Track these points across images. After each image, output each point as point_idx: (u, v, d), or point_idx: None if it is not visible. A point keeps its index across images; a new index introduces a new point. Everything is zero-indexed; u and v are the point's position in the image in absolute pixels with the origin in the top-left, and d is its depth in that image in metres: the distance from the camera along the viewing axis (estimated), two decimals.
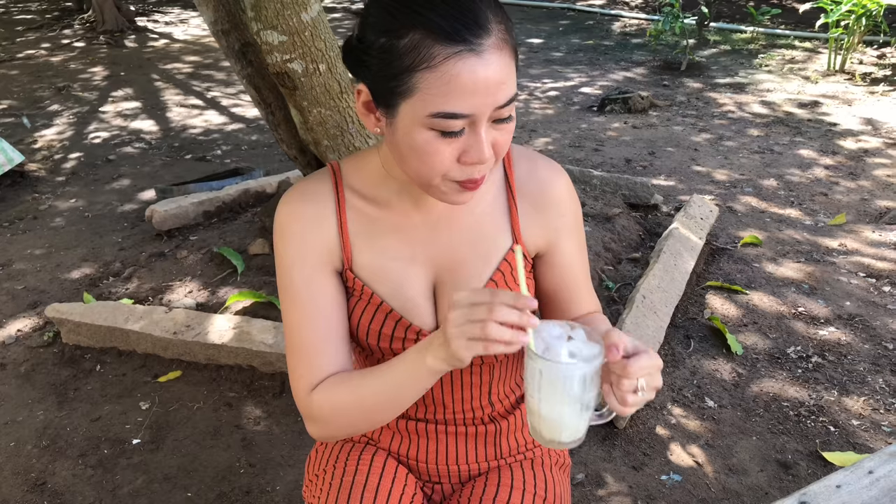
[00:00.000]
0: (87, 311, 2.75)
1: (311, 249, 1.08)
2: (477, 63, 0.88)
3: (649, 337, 2.53)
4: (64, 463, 2.23)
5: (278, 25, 2.33)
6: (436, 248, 1.11)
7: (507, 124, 0.95)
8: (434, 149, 0.93)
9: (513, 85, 0.93)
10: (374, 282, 1.11)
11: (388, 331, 1.11)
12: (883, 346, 2.68)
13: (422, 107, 0.90)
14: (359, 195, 1.10)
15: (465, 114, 0.90)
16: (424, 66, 0.88)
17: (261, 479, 2.13)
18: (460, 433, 1.23)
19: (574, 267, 1.19)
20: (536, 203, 1.14)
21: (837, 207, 3.91)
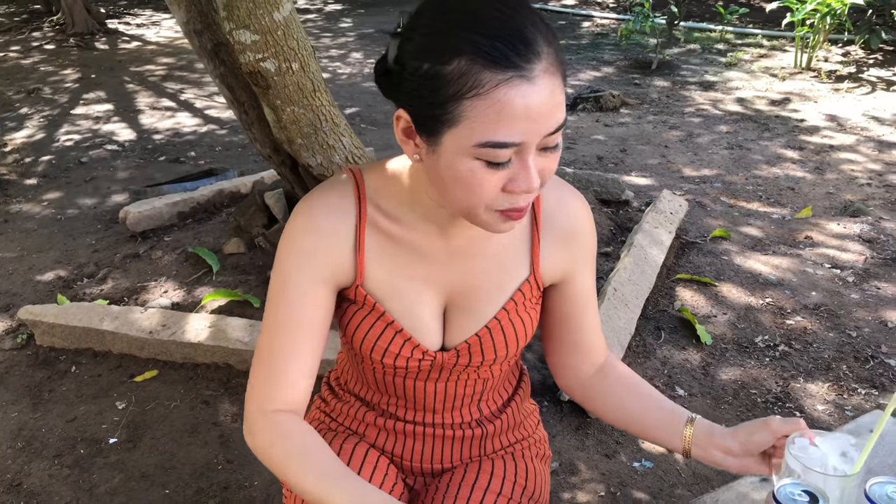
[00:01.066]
0: (61, 312, 2.75)
1: (318, 265, 1.04)
2: (529, 89, 0.83)
3: (621, 328, 2.58)
4: (40, 464, 2.23)
5: (251, 25, 2.35)
6: (452, 272, 1.09)
7: (554, 152, 0.91)
8: (479, 179, 0.88)
9: (563, 111, 0.88)
10: (385, 299, 1.08)
11: (394, 349, 1.09)
12: (847, 333, 2.75)
13: (468, 136, 0.85)
14: (382, 212, 1.05)
15: (514, 143, 0.85)
16: (473, 93, 0.83)
17: (238, 474, 2.15)
18: (447, 436, 1.24)
19: (586, 296, 1.19)
20: (561, 235, 1.12)
21: (804, 201, 4.00)
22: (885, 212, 3.81)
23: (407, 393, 1.19)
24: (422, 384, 1.17)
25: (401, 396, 1.20)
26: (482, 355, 1.13)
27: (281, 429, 1.03)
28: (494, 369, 1.19)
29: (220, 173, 4.19)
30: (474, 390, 1.21)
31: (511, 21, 0.84)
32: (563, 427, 2.29)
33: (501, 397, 1.29)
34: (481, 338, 1.11)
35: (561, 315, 1.19)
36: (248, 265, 3.03)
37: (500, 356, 1.14)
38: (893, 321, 2.82)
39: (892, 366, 2.57)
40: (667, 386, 2.47)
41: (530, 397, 1.40)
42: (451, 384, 1.18)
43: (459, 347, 1.12)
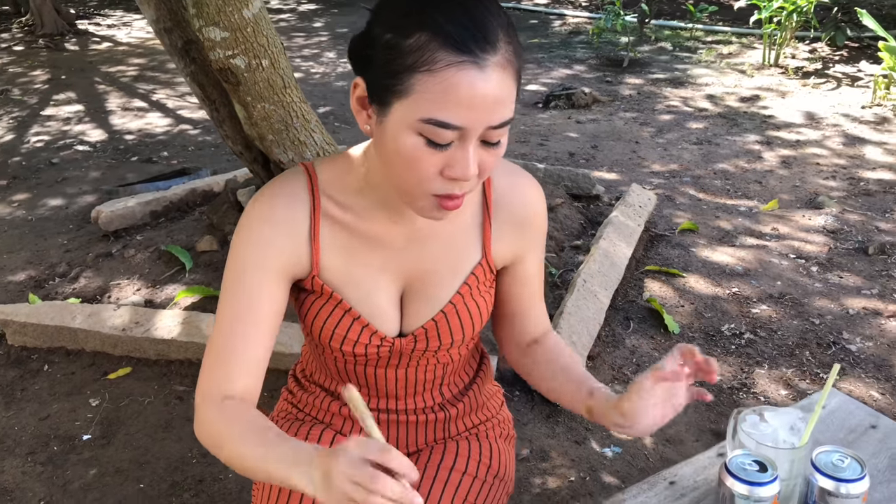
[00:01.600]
0: (32, 311, 2.74)
1: (272, 255, 1.06)
2: (478, 76, 0.87)
3: (590, 319, 2.62)
4: (12, 461, 2.23)
5: (220, 22, 2.36)
6: (407, 258, 1.12)
7: (496, 148, 0.94)
8: (419, 156, 0.91)
9: (510, 108, 0.92)
10: (342, 287, 1.10)
11: (353, 336, 1.11)
12: (810, 321, 2.82)
13: (415, 110, 0.89)
14: (334, 202, 1.08)
15: (456, 125, 0.88)
16: (425, 68, 0.87)
17: (213, 468, 2.17)
18: (411, 421, 1.27)
19: (533, 280, 1.23)
20: (512, 219, 1.14)
21: (771, 194, 4.08)
22: (848, 203, 3.90)
23: (368, 381, 1.21)
24: (382, 371, 1.19)
25: (363, 385, 1.22)
26: (439, 340, 1.15)
27: (228, 414, 1.02)
28: (453, 353, 1.21)
29: (193, 172, 4.19)
30: (434, 375, 1.23)
31: (476, 11, 0.89)
32: (534, 415, 2.33)
33: (463, 381, 1.32)
34: (437, 322, 1.13)
35: (507, 291, 1.23)
36: (221, 262, 3.04)
37: (457, 340, 1.17)
38: (854, 308, 2.90)
39: (853, 351, 2.64)
40: (635, 374, 2.53)
41: (499, 384, 1.45)
42: (412, 370, 1.20)
43: (417, 332, 1.14)
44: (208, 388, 1.06)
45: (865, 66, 6.60)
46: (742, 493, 1.01)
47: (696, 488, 1.21)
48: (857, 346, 2.67)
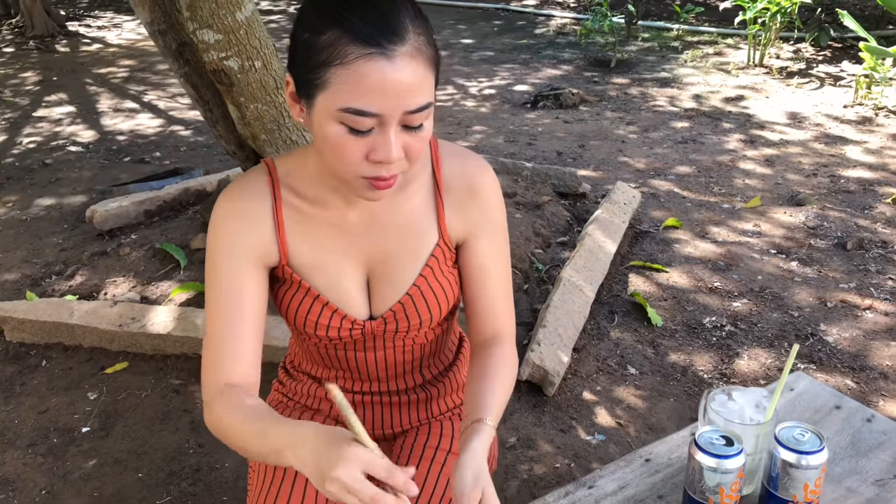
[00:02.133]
0: (30, 308, 2.80)
1: (244, 247, 1.13)
2: (386, 66, 0.94)
3: (575, 312, 2.70)
4: (13, 453, 2.29)
5: (214, 24, 2.43)
6: (369, 242, 1.17)
7: (419, 132, 1.00)
8: (343, 143, 0.98)
9: (426, 94, 0.98)
10: (310, 275, 1.17)
11: (324, 321, 1.17)
12: (789, 314, 2.91)
13: (333, 101, 0.96)
14: (294, 193, 1.14)
15: (371, 112, 0.95)
16: (338, 62, 0.95)
17: (210, 458, 2.23)
18: (395, 402, 1.34)
19: (489, 270, 1.23)
20: (462, 197, 1.19)
21: (753, 192, 4.16)
22: (829, 201, 3.99)
23: (350, 365, 1.28)
24: (362, 354, 1.26)
25: (346, 369, 1.29)
26: (407, 321, 1.21)
27: (230, 400, 1.09)
28: (427, 334, 1.27)
29: (186, 172, 4.25)
30: (413, 356, 1.29)
31: (383, 6, 0.97)
32: (521, 405, 2.40)
33: (443, 363, 1.39)
34: (404, 304, 1.19)
35: (464, 277, 1.24)
36: None
37: (426, 320, 1.22)
38: (832, 301, 2.99)
39: (830, 342, 2.73)
40: (619, 365, 2.61)
41: None
42: (389, 352, 1.27)
43: (386, 315, 1.20)
44: (210, 381, 1.13)
45: (847, 66, 6.70)
46: (710, 465, 1.08)
47: (671, 465, 1.29)
48: (834, 338, 2.76)
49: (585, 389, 2.48)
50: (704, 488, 1.10)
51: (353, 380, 1.31)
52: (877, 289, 3.08)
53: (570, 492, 1.22)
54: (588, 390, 2.48)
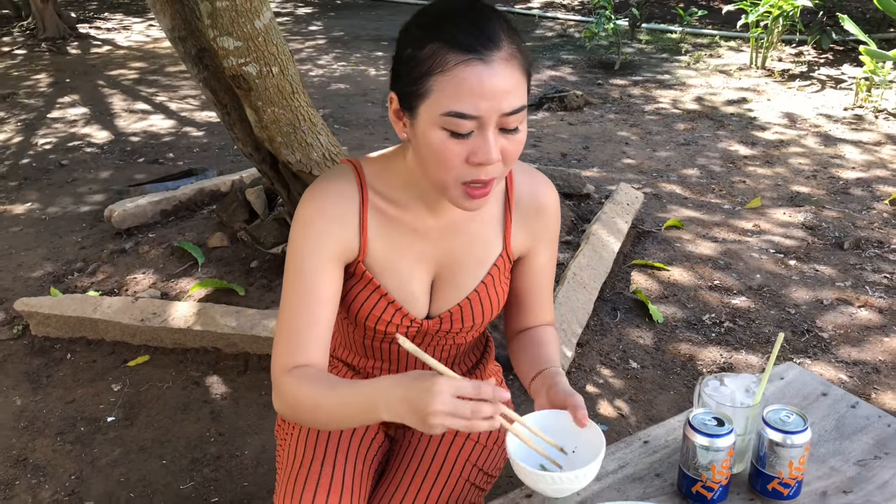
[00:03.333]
0: (55, 303, 2.91)
1: (328, 245, 1.20)
2: (484, 70, 1.02)
3: (579, 308, 2.80)
4: (43, 441, 2.40)
5: (233, 32, 2.53)
6: (440, 249, 1.26)
7: (515, 135, 1.08)
8: (446, 147, 1.06)
9: (520, 97, 1.06)
10: (382, 274, 1.25)
11: (386, 317, 1.27)
12: (786, 311, 3.01)
13: (436, 107, 1.04)
14: (381, 196, 1.23)
15: (472, 114, 1.03)
16: (439, 70, 1.03)
17: (230, 445, 2.34)
18: None
19: (544, 275, 1.37)
20: (529, 214, 1.29)
21: (754, 192, 4.26)
22: (827, 201, 4.09)
23: (392, 357, 1.39)
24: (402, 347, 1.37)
25: (385, 360, 1.40)
26: (462, 322, 1.32)
27: (307, 374, 1.19)
28: (469, 336, 1.39)
29: (200, 173, 4.36)
30: (449, 354, 1.41)
31: (478, 17, 1.06)
32: (527, 397, 2.49)
33: (471, 360, 1.50)
34: (462, 308, 1.30)
35: (517, 279, 1.37)
36: (232, 257, 3.21)
37: (477, 324, 1.34)
38: (828, 299, 3.08)
39: (825, 338, 2.83)
40: (621, 360, 2.71)
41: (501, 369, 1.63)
42: (430, 349, 1.37)
43: (443, 316, 1.31)
44: (282, 363, 1.21)
45: (848, 69, 6.79)
46: (703, 444, 1.19)
47: (667, 447, 1.39)
48: (829, 334, 2.85)
49: (589, 382, 2.58)
50: (698, 465, 1.20)
51: (388, 369, 1.41)
52: (872, 287, 3.18)
53: None
54: (591, 383, 2.58)
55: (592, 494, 1.26)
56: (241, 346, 2.70)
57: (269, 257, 3.16)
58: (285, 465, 1.36)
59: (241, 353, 2.71)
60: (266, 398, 2.53)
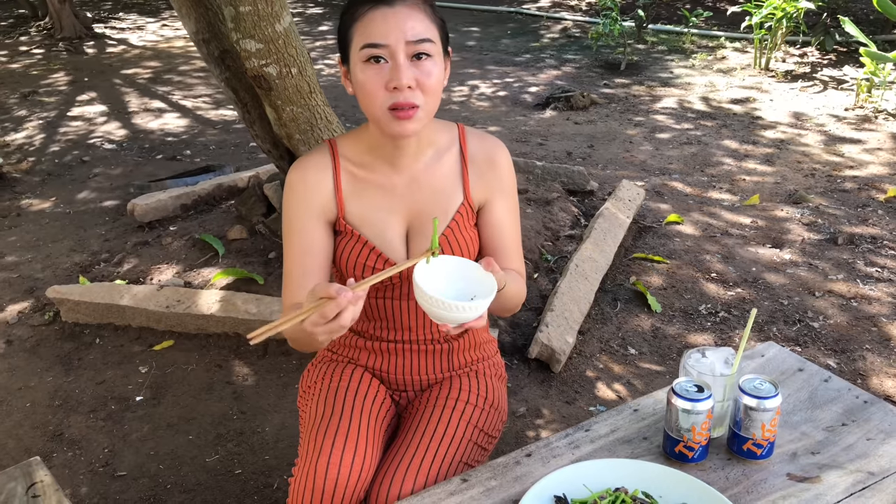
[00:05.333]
0: (85, 291, 3.07)
1: (311, 205, 1.47)
2: (388, 10, 1.31)
3: (581, 298, 2.95)
4: (77, 418, 2.56)
5: (255, 35, 2.69)
6: (408, 202, 1.49)
7: (424, 62, 1.32)
8: (368, 78, 1.32)
9: (423, 30, 1.32)
10: (361, 226, 1.49)
11: (371, 263, 1.49)
12: (780, 302, 3.15)
13: (357, 44, 1.32)
14: (351, 162, 1.49)
15: (381, 43, 1.30)
16: (356, 19, 1.33)
17: (252, 422, 2.50)
18: (422, 350, 1.61)
19: (504, 226, 1.56)
20: (482, 167, 1.52)
21: (753, 190, 4.39)
22: (824, 199, 4.22)
23: (388, 314, 1.57)
24: (397, 303, 1.55)
25: (383, 318, 1.58)
26: None
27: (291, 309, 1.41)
28: None
29: (217, 169, 4.52)
30: None
31: None
32: (530, 380, 2.65)
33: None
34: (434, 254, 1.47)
35: (482, 234, 1.57)
36: (251, 249, 3.37)
37: None
38: (820, 291, 3.22)
39: (815, 328, 2.96)
40: (620, 346, 2.85)
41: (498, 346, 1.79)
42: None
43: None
44: (285, 302, 1.49)
45: (850, 70, 6.90)
46: (685, 408, 1.33)
47: (654, 414, 1.54)
48: (819, 324, 2.99)
49: (589, 367, 2.73)
50: (680, 427, 1.35)
51: (388, 329, 1.58)
52: (863, 280, 3.31)
53: (570, 433, 1.47)
54: (591, 368, 2.73)
55: (587, 454, 1.41)
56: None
57: None
58: (308, 423, 1.52)
59: None
60: (285, 379, 2.69)
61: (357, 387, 1.57)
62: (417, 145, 1.47)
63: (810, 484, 1.33)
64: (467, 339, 1.65)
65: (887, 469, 1.35)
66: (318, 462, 1.40)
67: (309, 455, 1.42)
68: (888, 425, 1.46)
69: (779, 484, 1.33)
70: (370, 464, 1.43)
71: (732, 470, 1.37)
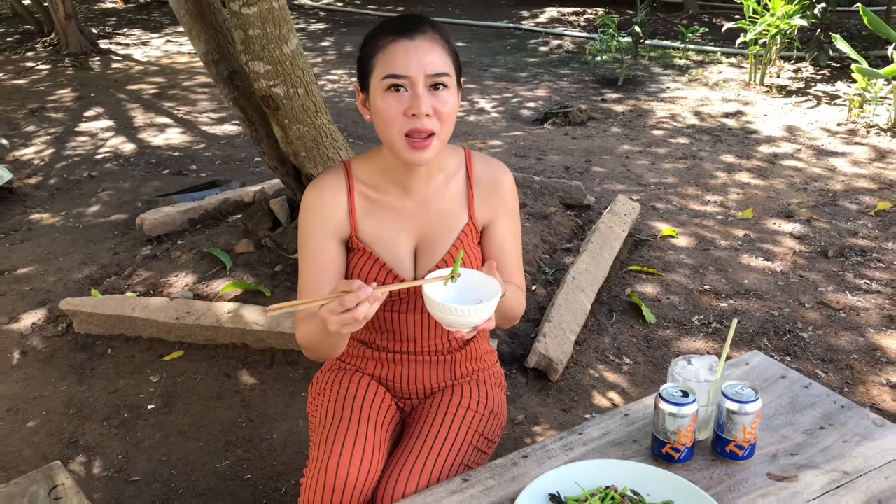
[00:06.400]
0: (97, 303, 3.17)
1: (327, 224, 1.56)
2: (409, 44, 1.40)
3: (577, 310, 3.05)
4: (91, 426, 2.65)
5: (264, 57, 2.80)
6: (418, 222, 1.59)
7: (441, 92, 1.42)
8: (388, 104, 1.41)
9: (442, 64, 1.42)
10: (373, 245, 1.59)
11: (381, 279, 1.59)
12: (770, 313, 3.25)
13: (379, 75, 1.41)
14: (364, 184, 1.59)
15: (402, 74, 1.39)
16: (378, 50, 1.42)
17: (260, 429, 2.59)
18: (426, 361, 1.71)
19: (506, 245, 1.68)
20: (487, 190, 1.62)
21: (747, 204, 4.50)
22: (816, 213, 4.32)
23: (394, 327, 1.66)
24: (405, 317, 1.65)
25: (390, 330, 1.67)
26: None
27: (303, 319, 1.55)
28: None
29: (223, 184, 4.63)
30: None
31: (408, 17, 1.46)
32: (528, 389, 2.75)
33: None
34: (439, 268, 1.59)
35: (485, 252, 1.68)
36: (258, 262, 3.47)
37: None
38: (810, 303, 3.32)
39: (805, 338, 3.06)
40: (616, 356, 2.95)
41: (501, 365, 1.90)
42: (425, 317, 1.65)
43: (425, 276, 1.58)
44: (298, 316, 1.59)
45: (843, 86, 7.03)
46: (671, 412, 1.43)
47: (644, 419, 1.63)
48: (809, 335, 3.09)
49: (585, 376, 2.83)
50: (667, 430, 1.44)
51: (394, 340, 1.68)
52: (852, 292, 3.41)
53: (564, 437, 1.57)
54: (587, 377, 2.82)
55: (580, 455, 1.50)
56: (268, 341, 2.96)
57: (291, 262, 3.42)
58: (318, 428, 1.62)
59: (268, 348, 2.97)
60: (291, 388, 2.79)
61: (364, 394, 1.67)
62: (428, 171, 1.58)
63: (788, 483, 1.43)
64: (469, 351, 1.74)
65: (861, 469, 1.45)
66: (328, 463, 1.50)
67: (320, 456, 1.52)
68: (863, 429, 1.56)
69: (759, 483, 1.43)
70: (377, 465, 1.53)
71: (716, 470, 1.46)
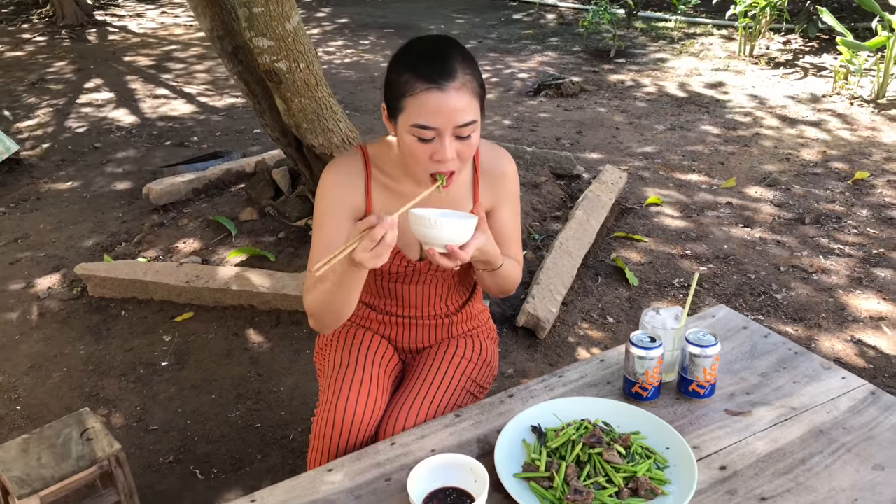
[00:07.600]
0: (110, 268, 3.35)
1: (343, 204, 1.65)
2: (441, 96, 1.42)
3: (565, 273, 3.23)
4: (109, 381, 2.84)
5: (267, 33, 2.95)
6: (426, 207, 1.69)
7: (468, 140, 1.48)
8: (415, 148, 1.47)
9: (471, 114, 1.45)
10: None
11: (389, 258, 1.64)
12: (747, 276, 3.44)
13: (407, 119, 1.45)
14: (381, 171, 1.67)
15: (431, 126, 1.43)
16: (409, 94, 1.44)
17: (268, 383, 2.78)
18: (425, 324, 1.89)
19: (508, 226, 1.78)
20: (492, 177, 1.72)
21: (730, 173, 4.67)
22: (796, 181, 4.50)
23: (397, 294, 1.83)
24: (406, 287, 1.81)
25: (393, 297, 1.84)
26: None
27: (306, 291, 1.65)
28: (455, 275, 1.82)
29: (225, 155, 4.78)
30: (441, 290, 1.84)
31: (441, 55, 1.46)
32: (517, 346, 2.94)
33: (461, 298, 1.93)
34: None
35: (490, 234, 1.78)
36: (261, 229, 3.65)
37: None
38: (785, 266, 3.51)
39: (778, 299, 3.26)
40: (599, 316, 3.14)
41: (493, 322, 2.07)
42: (425, 286, 1.81)
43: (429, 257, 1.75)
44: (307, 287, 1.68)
45: (829, 59, 7.17)
46: (640, 355, 1.61)
47: (618, 363, 1.82)
48: (782, 296, 3.28)
49: (570, 334, 3.02)
50: (636, 372, 1.63)
51: (396, 305, 1.85)
52: (825, 256, 3.60)
53: (546, 379, 1.76)
54: (573, 335, 3.02)
55: (560, 395, 1.69)
56: (273, 303, 3.14)
57: (293, 229, 3.59)
58: (327, 374, 1.80)
59: (273, 309, 3.15)
60: (296, 346, 2.98)
61: (369, 345, 1.85)
62: None
63: (743, 417, 1.62)
64: (464, 313, 1.92)
65: (806, 405, 1.64)
66: (337, 403, 1.68)
67: (329, 398, 1.71)
68: (812, 371, 1.75)
69: (717, 417, 1.62)
70: (380, 405, 1.72)
71: (680, 407, 1.65)
